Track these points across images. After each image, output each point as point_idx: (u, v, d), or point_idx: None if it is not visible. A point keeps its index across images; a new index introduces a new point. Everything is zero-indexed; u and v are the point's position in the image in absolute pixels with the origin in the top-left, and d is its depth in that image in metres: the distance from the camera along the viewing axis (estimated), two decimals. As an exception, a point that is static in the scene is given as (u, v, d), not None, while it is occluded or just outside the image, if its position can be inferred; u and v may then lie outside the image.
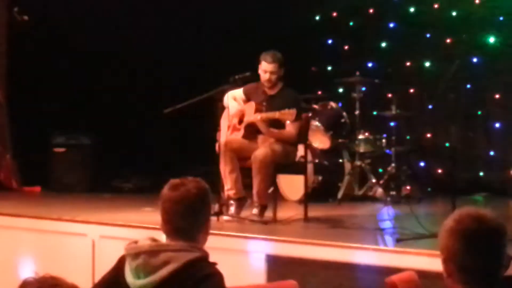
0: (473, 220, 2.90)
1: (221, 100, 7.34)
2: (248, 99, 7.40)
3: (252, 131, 7.15)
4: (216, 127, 7.27)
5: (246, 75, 7.34)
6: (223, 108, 7.41)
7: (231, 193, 7.01)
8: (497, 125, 9.73)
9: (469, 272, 2.85)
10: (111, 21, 10.07)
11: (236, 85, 7.41)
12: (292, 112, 6.79)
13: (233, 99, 7.39)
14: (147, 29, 10.24)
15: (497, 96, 9.73)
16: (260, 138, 7.10)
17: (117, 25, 10.09)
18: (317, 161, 8.87)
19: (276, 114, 6.89)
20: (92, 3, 9.96)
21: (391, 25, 10.55)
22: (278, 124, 7.02)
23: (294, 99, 7.21)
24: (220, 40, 10.27)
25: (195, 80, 9.96)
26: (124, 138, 10.04)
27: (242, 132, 7.23)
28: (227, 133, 7.27)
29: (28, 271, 6.93)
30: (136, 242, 3.42)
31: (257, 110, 7.17)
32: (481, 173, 9.69)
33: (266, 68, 7.25)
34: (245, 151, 7.03)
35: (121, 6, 10.05)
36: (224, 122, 7.38)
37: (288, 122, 6.95)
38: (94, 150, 9.94)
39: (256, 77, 7.40)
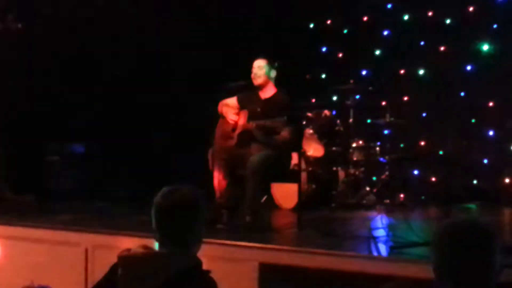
0: (465, 227, 2.91)
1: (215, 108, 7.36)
2: (242, 106, 7.39)
3: (245, 139, 7.14)
4: (209, 135, 7.27)
5: (240, 83, 7.35)
6: (216, 116, 7.41)
7: (224, 201, 6.98)
8: (491, 133, 9.75)
9: (461, 279, 2.84)
10: (106, 29, 10.07)
11: (230, 94, 7.42)
12: (282, 121, 6.79)
13: (226, 107, 7.39)
14: (143, 36, 10.24)
15: (491, 104, 9.74)
16: (254, 146, 7.08)
17: (112, 32, 10.09)
18: (311, 169, 8.86)
19: (267, 123, 6.88)
20: (87, 10, 9.96)
21: (385, 33, 10.58)
22: (272, 131, 7.01)
23: (287, 104, 7.20)
24: (214, 49, 10.26)
25: (191, 87, 9.98)
26: (117, 146, 10.02)
27: (235, 140, 7.21)
28: (220, 142, 7.26)
29: (21, 281, 6.91)
30: (129, 250, 3.40)
31: (251, 116, 7.16)
32: (475, 181, 9.69)
33: (254, 65, 7.33)
34: (238, 159, 7.01)
35: (117, 13, 10.05)
36: (217, 131, 7.37)
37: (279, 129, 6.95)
38: (88, 158, 9.92)
39: (250, 86, 7.40)
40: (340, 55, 10.92)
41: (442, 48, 10.06)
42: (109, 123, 10.14)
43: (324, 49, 11.10)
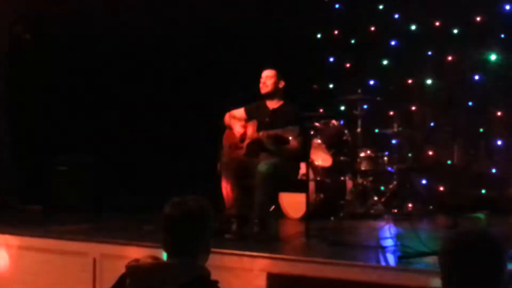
0: (473, 237, 2.90)
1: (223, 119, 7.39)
2: (249, 117, 7.40)
3: (254, 149, 7.14)
4: (218, 146, 7.29)
5: (247, 93, 7.37)
6: (224, 127, 7.43)
7: (233, 211, 6.98)
8: (499, 142, 9.73)
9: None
10: (113, 40, 10.11)
11: (237, 104, 7.44)
12: (295, 129, 6.80)
13: (234, 118, 7.40)
14: (149, 46, 10.27)
15: (499, 113, 9.73)
16: (263, 156, 7.08)
17: (119, 42, 10.13)
18: (319, 179, 8.85)
19: (279, 132, 6.89)
20: (94, 22, 10.00)
21: (393, 42, 10.58)
22: (281, 141, 7.01)
23: (295, 114, 7.21)
24: (220, 59, 10.28)
25: (198, 97, 9.99)
26: (126, 157, 10.04)
27: (244, 150, 7.22)
28: (229, 152, 7.27)
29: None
30: (137, 260, 3.41)
31: (260, 126, 7.17)
32: (483, 191, 9.67)
33: (262, 75, 7.37)
34: (247, 169, 7.02)
35: (122, 23, 10.08)
36: (225, 141, 7.39)
37: (291, 138, 6.95)
38: (96, 169, 9.93)
39: (258, 95, 7.42)
40: (348, 65, 10.92)
41: (449, 58, 10.05)
42: (117, 133, 10.17)
43: (331, 59, 11.11)
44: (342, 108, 10.65)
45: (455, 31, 10.06)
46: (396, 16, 10.56)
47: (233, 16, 10.31)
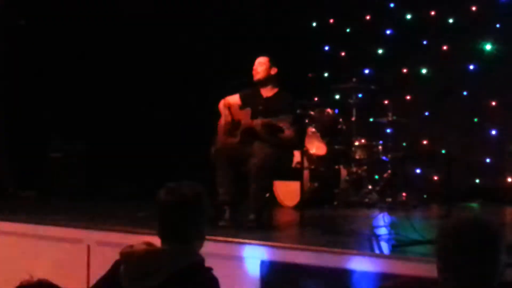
0: (470, 224, 2.90)
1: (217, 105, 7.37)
2: (244, 104, 7.38)
3: (248, 137, 7.12)
4: (211, 132, 7.28)
5: (242, 80, 7.36)
6: (219, 113, 7.41)
7: (225, 198, 6.97)
8: (493, 132, 9.74)
9: (464, 278, 2.84)
10: (110, 28, 10.09)
11: (232, 91, 7.43)
12: (288, 118, 6.80)
13: (228, 105, 7.38)
14: (145, 35, 10.26)
15: (493, 103, 9.74)
16: (257, 144, 7.06)
17: (115, 30, 10.11)
18: (313, 167, 8.86)
19: (273, 121, 6.88)
20: (91, 10, 9.98)
21: (388, 31, 10.58)
22: (275, 130, 7.00)
23: (289, 102, 7.20)
24: (216, 47, 10.27)
25: (191, 84, 9.99)
26: (120, 143, 10.02)
27: (238, 137, 7.20)
28: (222, 139, 7.25)
29: (23, 277, 6.91)
30: (131, 247, 3.41)
31: (254, 114, 7.15)
32: (477, 180, 9.69)
33: (255, 62, 7.35)
34: (240, 156, 7.00)
35: (120, 13, 10.07)
36: (219, 127, 7.37)
37: (284, 127, 6.94)
38: (91, 155, 9.92)
39: (251, 83, 7.41)
40: (343, 53, 10.91)
41: (444, 47, 10.05)
42: (111, 120, 10.15)
43: (326, 48, 11.10)
44: (337, 96, 10.64)
45: (450, 20, 10.07)
46: (392, 5, 10.55)
47: (228, 5, 10.30)
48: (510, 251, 4.46)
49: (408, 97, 10.23)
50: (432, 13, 10.17)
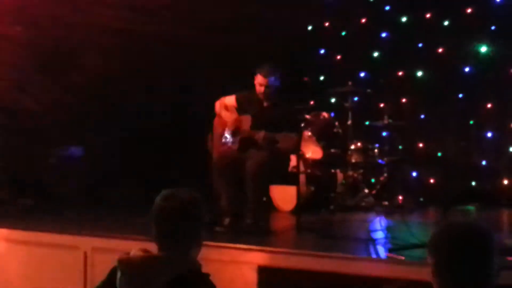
0: (463, 229, 2.92)
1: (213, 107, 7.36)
2: (240, 107, 7.35)
3: (247, 145, 7.10)
4: (208, 135, 7.28)
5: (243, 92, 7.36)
6: (214, 114, 7.40)
7: (226, 208, 6.95)
8: (489, 134, 9.74)
9: (459, 281, 2.85)
10: (107, 32, 10.08)
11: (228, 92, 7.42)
12: (294, 138, 6.78)
13: (224, 106, 7.36)
14: (141, 38, 10.24)
15: (489, 105, 9.74)
16: (252, 151, 7.03)
17: (110, 31, 10.09)
18: (309, 171, 8.86)
19: (278, 137, 6.82)
20: (86, 13, 9.96)
21: (383, 35, 10.58)
22: (277, 142, 6.94)
23: (291, 112, 7.18)
24: (212, 50, 10.25)
25: (188, 87, 9.97)
26: (117, 149, 10.01)
27: (237, 144, 7.17)
28: (220, 144, 7.23)
29: (20, 284, 6.91)
30: (128, 254, 3.41)
31: (254, 124, 7.10)
32: (473, 183, 9.69)
33: (261, 82, 7.21)
34: (238, 163, 6.99)
35: (117, 19, 10.05)
36: (215, 129, 7.35)
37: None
38: (87, 161, 9.91)
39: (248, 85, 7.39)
40: (338, 57, 10.91)
41: (440, 50, 10.05)
42: (108, 126, 10.13)
43: (322, 51, 11.10)
44: (333, 100, 10.64)
45: (446, 23, 10.07)
46: (387, 8, 10.55)
47: (224, 8, 10.29)
48: (506, 253, 4.48)
49: (404, 100, 10.23)
50: (428, 15, 10.18)
